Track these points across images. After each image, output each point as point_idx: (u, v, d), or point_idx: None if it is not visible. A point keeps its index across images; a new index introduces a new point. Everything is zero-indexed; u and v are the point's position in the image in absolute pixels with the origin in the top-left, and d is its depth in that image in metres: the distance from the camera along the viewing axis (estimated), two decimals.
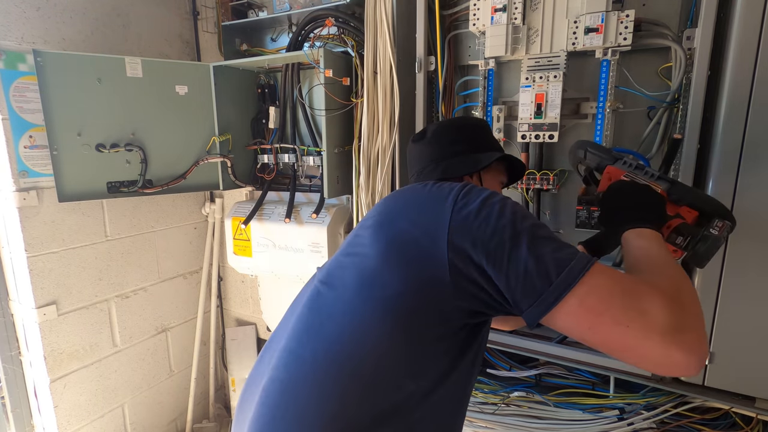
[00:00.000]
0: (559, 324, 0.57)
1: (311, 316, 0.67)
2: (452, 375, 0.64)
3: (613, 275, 0.57)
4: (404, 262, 0.62)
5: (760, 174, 0.96)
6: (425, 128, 0.92)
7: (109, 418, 1.90)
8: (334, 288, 0.67)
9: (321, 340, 0.63)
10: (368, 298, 0.62)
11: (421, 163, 0.88)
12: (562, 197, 1.34)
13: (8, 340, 1.67)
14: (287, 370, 0.63)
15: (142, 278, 2.00)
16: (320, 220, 1.70)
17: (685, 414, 1.20)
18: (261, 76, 1.87)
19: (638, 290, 0.55)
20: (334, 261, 0.73)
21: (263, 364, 0.71)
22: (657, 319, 0.52)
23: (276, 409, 0.61)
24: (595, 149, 0.88)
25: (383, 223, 0.68)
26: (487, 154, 0.85)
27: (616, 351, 0.55)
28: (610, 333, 0.54)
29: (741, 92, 0.95)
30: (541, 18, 1.18)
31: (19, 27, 1.50)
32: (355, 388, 0.58)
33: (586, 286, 0.55)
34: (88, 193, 1.62)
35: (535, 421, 1.34)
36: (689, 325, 0.53)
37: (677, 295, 0.55)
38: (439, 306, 0.61)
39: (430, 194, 0.68)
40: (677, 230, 0.78)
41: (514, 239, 0.58)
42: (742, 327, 1.02)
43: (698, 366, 0.52)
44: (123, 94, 1.63)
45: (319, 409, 0.58)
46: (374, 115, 1.50)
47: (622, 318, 0.53)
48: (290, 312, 0.75)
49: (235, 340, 2.30)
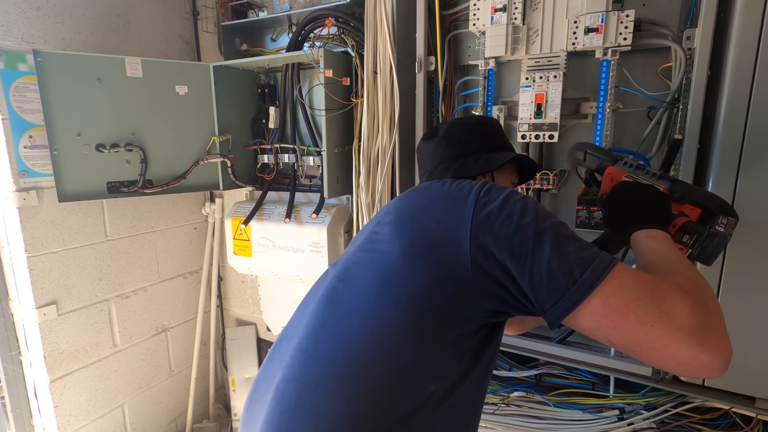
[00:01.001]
0: (582, 324, 0.56)
1: (328, 312, 0.65)
2: (471, 375, 0.63)
3: (637, 275, 0.56)
4: (426, 260, 0.61)
5: (760, 174, 0.96)
6: (437, 126, 0.91)
7: (109, 418, 1.90)
8: (352, 285, 0.66)
9: (340, 339, 0.61)
10: (389, 295, 0.61)
11: (433, 161, 0.87)
12: (562, 197, 1.34)
13: (8, 340, 1.67)
14: (303, 369, 0.61)
15: (142, 278, 2.00)
16: (320, 220, 1.70)
17: (685, 414, 1.20)
18: (261, 76, 1.87)
19: (662, 290, 0.54)
20: (350, 257, 0.71)
21: (274, 362, 0.68)
22: (682, 320, 0.51)
23: (293, 410, 0.59)
24: (594, 151, 0.88)
25: (403, 220, 0.67)
26: (500, 154, 0.85)
27: (640, 352, 0.54)
28: (634, 333, 0.53)
29: (741, 92, 0.95)
30: (541, 18, 1.18)
31: (19, 27, 1.50)
32: (377, 388, 0.57)
33: (611, 286, 0.54)
34: (88, 193, 1.62)
35: (535, 421, 1.34)
36: (713, 326, 0.52)
37: (700, 296, 0.55)
38: (461, 304, 0.60)
39: (450, 192, 0.67)
40: (683, 229, 0.78)
41: (538, 237, 0.58)
42: (742, 327, 1.02)
43: (723, 367, 0.51)
44: (123, 94, 1.63)
45: (339, 409, 0.56)
46: (374, 115, 1.50)
47: (647, 318, 0.52)
48: (303, 309, 0.73)
49: (235, 340, 2.30)
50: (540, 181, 1.27)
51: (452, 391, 0.61)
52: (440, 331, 0.60)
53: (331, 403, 0.57)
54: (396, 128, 1.45)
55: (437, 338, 0.60)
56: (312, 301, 0.70)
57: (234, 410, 2.30)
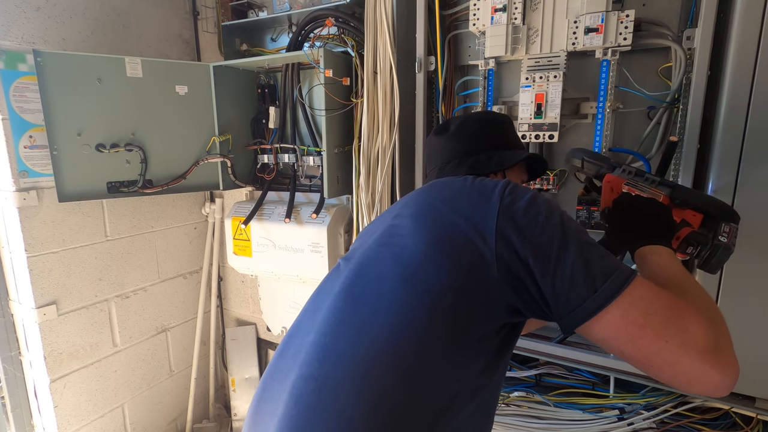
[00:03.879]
0: (597, 333, 0.56)
1: (346, 308, 0.62)
2: (495, 375, 0.62)
3: (655, 289, 0.56)
4: (450, 255, 0.60)
5: (760, 174, 0.96)
6: (448, 121, 0.90)
7: (109, 418, 1.90)
8: (371, 280, 0.63)
9: (361, 336, 0.58)
10: (413, 291, 0.59)
11: (444, 157, 0.86)
12: (562, 197, 1.34)
13: (8, 340, 1.67)
14: (322, 368, 0.58)
15: (142, 278, 2.00)
16: (320, 220, 1.70)
17: (685, 414, 1.20)
18: (261, 76, 1.87)
19: (678, 307, 0.54)
20: (366, 250, 0.68)
21: (286, 359, 0.65)
22: (696, 337, 0.52)
23: (312, 410, 0.56)
24: (591, 158, 0.87)
25: (426, 214, 0.66)
26: (511, 153, 0.84)
27: (651, 365, 0.54)
28: (649, 347, 0.53)
29: (741, 92, 0.95)
30: (541, 18, 1.18)
31: (19, 27, 1.50)
32: (402, 388, 0.55)
33: (630, 297, 0.55)
34: (88, 193, 1.62)
35: (535, 421, 1.34)
36: (724, 346, 0.53)
37: (712, 316, 0.55)
38: (486, 300, 0.59)
39: (473, 188, 0.67)
40: (687, 240, 0.77)
41: (563, 241, 0.58)
42: (742, 327, 1.02)
43: (730, 386, 0.52)
44: (123, 94, 1.63)
45: (363, 409, 0.54)
46: (374, 115, 1.50)
47: (663, 333, 0.53)
48: (316, 304, 0.70)
49: (235, 340, 2.30)
50: (540, 181, 1.27)
51: (475, 394, 0.59)
52: (465, 327, 0.59)
53: (353, 403, 0.54)
54: (396, 128, 1.45)
55: (462, 336, 0.58)
56: (327, 297, 0.67)
57: (234, 410, 2.30)
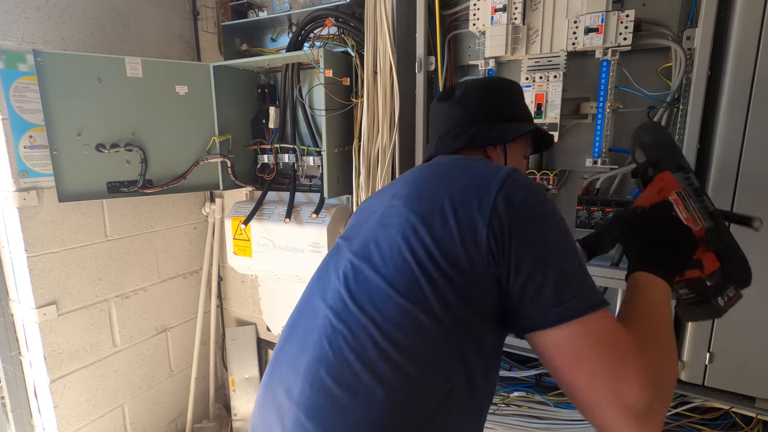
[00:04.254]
0: (539, 347, 0.57)
1: (351, 293, 0.63)
2: (491, 366, 0.63)
3: (614, 330, 0.54)
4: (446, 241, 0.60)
5: (760, 174, 0.96)
6: (454, 86, 0.86)
7: (109, 418, 1.90)
8: (376, 267, 0.63)
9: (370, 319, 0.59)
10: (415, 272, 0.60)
11: (446, 126, 0.83)
12: (562, 197, 1.34)
13: (8, 340, 1.67)
14: (334, 350, 0.59)
15: (142, 278, 1.99)
16: (320, 220, 1.70)
17: (685, 414, 1.20)
18: (261, 76, 1.87)
19: (627, 357, 0.53)
20: (366, 232, 0.69)
21: (294, 343, 0.66)
22: (627, 394, 0.51)
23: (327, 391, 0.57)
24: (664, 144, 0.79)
25: (421, 196, 0.66)
26: (516, 125, 0.81)
27: (574, 397, 0.54)
28: (580, 381, 0.53)
29: (741, 92, 0.95)
30: (541, 18, 1.18)
31: (19, 27, 1.50)
32: (411, 373, 0.56)
33: (586, 326, 0.54)
34: (88, 193, 1.62)
35: (535, 421, 1.34)
36: (654, 409, 0.52)
37: (658, 374, 0.54)
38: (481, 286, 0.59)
39: (471, 171, 0.66)
40: (689, 284, 0.71)
41: (549, 244, 0.57)
42: (742, 327, 1.02)
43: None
44: (123, 94, 1.63)
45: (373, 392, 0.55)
46: (374, 115, 1.50)
47: (599, 375, 0.52)
48: (319, 287, 0.70)
49: (235, 340, 2.30)
50: (540, 181, 1.27)
51: (474, 384, 0.60)
52: (464, 316, 0.59)
53: (365, 384, 0.55)
54: (396, 128, 1.45)
55: (462, 324, 0.58)
56: (329, 279, 0.68)
57: (234, 410, 2.30)
